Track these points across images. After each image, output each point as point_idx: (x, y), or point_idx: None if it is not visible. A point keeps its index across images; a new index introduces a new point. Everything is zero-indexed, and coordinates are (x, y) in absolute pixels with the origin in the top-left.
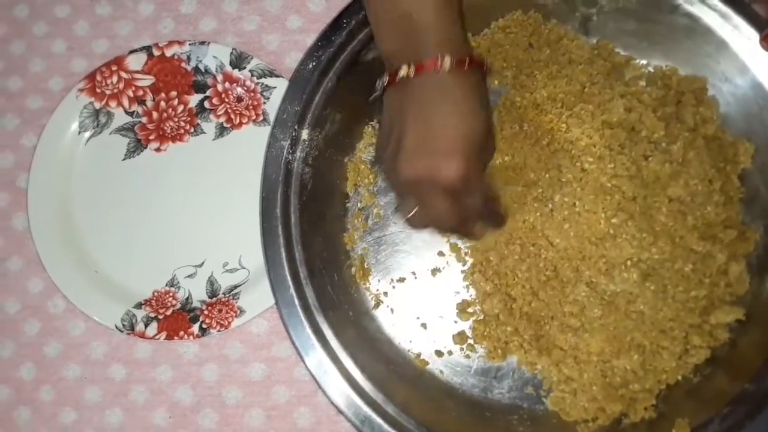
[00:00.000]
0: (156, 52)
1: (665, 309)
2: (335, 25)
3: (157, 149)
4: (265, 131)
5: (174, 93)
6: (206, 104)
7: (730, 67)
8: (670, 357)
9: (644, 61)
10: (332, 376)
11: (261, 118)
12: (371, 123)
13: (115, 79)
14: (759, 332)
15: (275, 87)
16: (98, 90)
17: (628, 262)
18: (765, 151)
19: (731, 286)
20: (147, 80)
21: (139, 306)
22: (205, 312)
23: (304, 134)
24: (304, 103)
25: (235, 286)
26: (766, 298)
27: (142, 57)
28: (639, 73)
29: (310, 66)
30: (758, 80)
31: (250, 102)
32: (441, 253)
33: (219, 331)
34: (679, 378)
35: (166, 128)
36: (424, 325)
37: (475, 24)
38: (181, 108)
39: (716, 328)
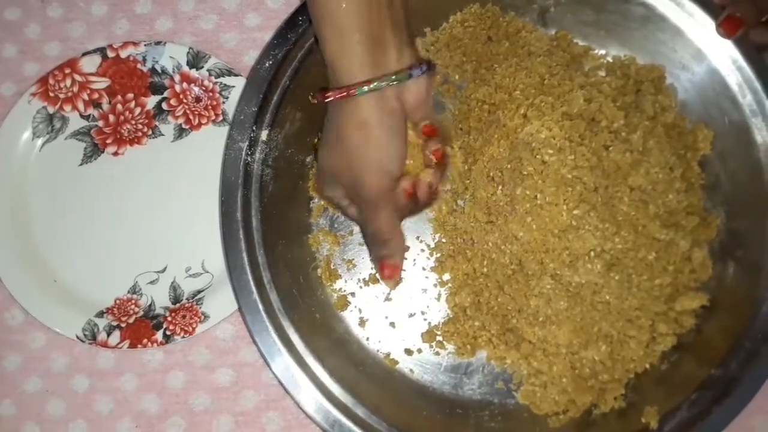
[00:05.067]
0: (110, 54)
1: (630, 298)
2: (291, 22)
3: (115, 153)
4: (225, 131)
5: (130, 95)
6: (164, 105)
7: (687, 55)
8: (638, 346)
9: (603, 51)
10: (300, 380)
11: (220, 118)
12: None
13: (68, 82)
14: (724, 317)
15: (234, 86)
16: (51, 94)
17: (592, 253)
18: (723, 137)
19: (695, 272)
20: (102, 83)
21: (100, 315)
22: (169, 318)
23: (263, 135)
24: (262, 102)
25: (199, 291)
26: (729, 283)
27: (96, 59)
28: (598, 63)
29: (267, 65)
30: (714, 66)
31: (208, 102)
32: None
33: (183, 337)
34: (647, 366)
35: (123, 131)
36: (392, 324)
37: (433, 19)
38: (138, 110)
39: (682, 314)
